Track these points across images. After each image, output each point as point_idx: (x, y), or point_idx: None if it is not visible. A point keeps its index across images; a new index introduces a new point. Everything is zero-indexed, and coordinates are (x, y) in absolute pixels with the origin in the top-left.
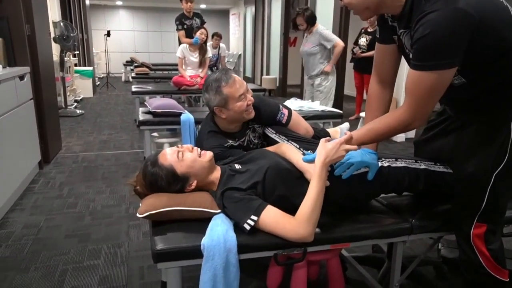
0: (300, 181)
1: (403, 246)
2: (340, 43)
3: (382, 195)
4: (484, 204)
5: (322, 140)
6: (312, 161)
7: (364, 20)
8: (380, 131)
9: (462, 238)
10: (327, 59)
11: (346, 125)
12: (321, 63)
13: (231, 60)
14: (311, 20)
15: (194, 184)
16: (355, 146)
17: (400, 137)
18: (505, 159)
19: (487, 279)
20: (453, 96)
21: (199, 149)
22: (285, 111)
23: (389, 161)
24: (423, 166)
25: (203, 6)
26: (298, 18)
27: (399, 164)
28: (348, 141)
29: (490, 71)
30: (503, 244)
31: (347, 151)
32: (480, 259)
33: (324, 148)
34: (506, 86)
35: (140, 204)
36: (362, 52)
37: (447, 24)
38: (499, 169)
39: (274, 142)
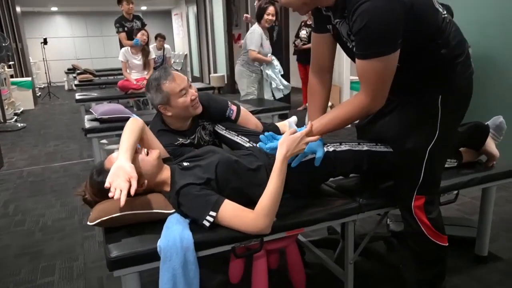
0: (251, 172)
1: (354, 225)
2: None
3: (331, 179)
4: (421, 178)
5: (287, 133)
6: (274, 149)
7: (303, 15)
8: (343, 119)
9: (405, 211)
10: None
11: (294, 118)
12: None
13: (177, 60)
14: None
15: (145, 184)
16: (316, 137)
17: None
18: (436, 135)
19: (430, 246)
20: None
21: (145, 149)
22: (234, 107)
23: (334, 145)
24: (365, 148)
25: (143, 8)
26: (273, 7)
27: (344, 147)
28: (309, 133)
29: (420, 56)
30: (441, 212)
31: (307, 143)
32: (422, 228)
33: (286, 142)
34: (434, 68)
35: (91, 212)
36: (304, 44)
37: (382, 13)
38: (431, 144)
39: (225, 139)
